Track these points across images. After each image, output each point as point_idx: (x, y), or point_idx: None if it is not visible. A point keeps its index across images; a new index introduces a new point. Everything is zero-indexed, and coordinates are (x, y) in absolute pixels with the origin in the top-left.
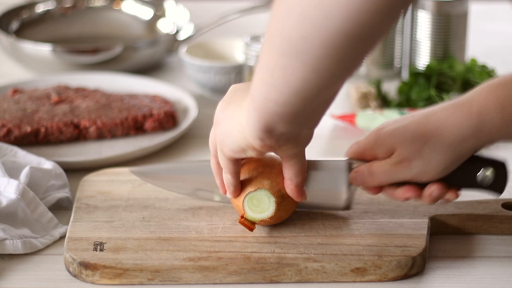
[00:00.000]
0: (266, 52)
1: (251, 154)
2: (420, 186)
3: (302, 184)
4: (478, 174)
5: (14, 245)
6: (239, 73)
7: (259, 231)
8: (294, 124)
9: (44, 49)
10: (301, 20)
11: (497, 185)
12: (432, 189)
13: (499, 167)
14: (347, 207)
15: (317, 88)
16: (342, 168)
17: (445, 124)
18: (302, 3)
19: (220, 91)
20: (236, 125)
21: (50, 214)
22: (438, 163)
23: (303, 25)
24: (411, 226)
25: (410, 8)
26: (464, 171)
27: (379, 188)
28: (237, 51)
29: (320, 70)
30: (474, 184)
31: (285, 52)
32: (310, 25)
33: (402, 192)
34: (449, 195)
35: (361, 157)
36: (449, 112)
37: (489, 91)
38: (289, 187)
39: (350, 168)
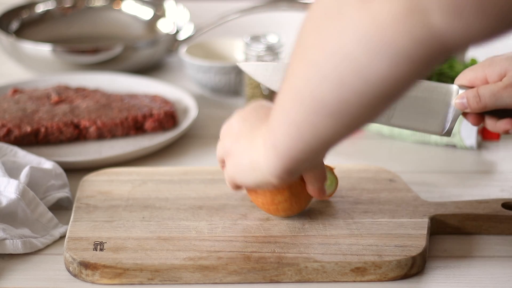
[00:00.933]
0: (291, 107)
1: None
2: None
3: (323, 187)
4: None
5: (14, 245)
6: (239, 73)
7: (259, 231)
8: (315, 162)
9: (44, 49)
10: (339, 85)
11: None
12: None
13: None
14: (448, 132)
15: (344, 137)
16: (449, 92)
17: None
18: (339, 69)
19: (220, 91)
20: (249, 162)
21: (50, 214)
22: None
23: (341, 91)
24: (411, 226)
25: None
26: None
27: (480, 117)
28: (237, 51)
29: (352, 126)
30: None
31: (318, 112)
32: (349, 90)
33: (504, 124)
34: None
35: (472, 83)
36: None
37: None
38: (310, 190)
39: (458, 93)
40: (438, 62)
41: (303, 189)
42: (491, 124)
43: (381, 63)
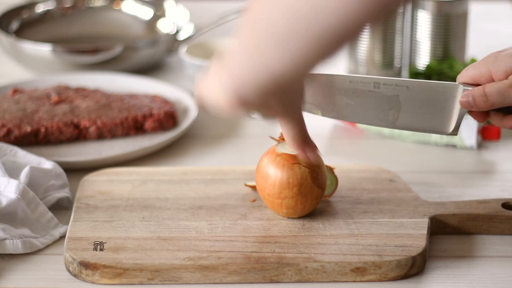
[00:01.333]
0: (247, 32)
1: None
2: None
3: (299, 138)
4: None
5: (14, 245)
6: None
7: (259, 231)
8: (264, 99)
9: (44, 49)
10: (289, 14)
11: None
12: None
13: None
14: (454, 132)
15: (292, 75)
16: (453, 91)
17: None
18: None
19: None
20: (212, 74)
21: (50, 214)
22: None
23: (290, 20)
24: (411, 226)
25: (409, 8)
26: None
27: (486, 114)
28: None
29: (300, 63)
30: None
31: (267, 37)
32: (298, 22)
33: (511, 119)
34: None
35: (475, 81)
36: None
37: None
38: (286, 139)
39: (463, 92)
40: (393, 4)
41: (312, 192)
42: (497, 120)
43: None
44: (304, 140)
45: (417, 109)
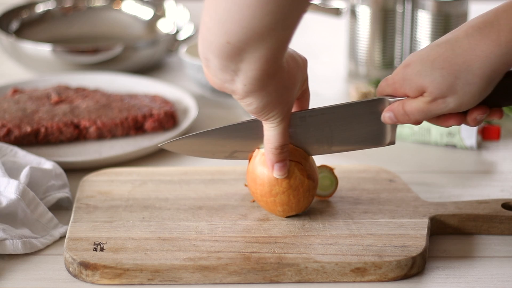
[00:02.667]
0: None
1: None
2: (462, 112)
3: (277, 151)
4: None
5: (14, 245)
6: None
7: (259, 231)
8: (225, 64)
9: (44, 49)
10: None
11: None
12: (474, 115)
13: None
14: (391, 142)
15: (243, 39)
16: (380, 105)
17: (473, 55)
18: None
19: (220, 91)
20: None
21: (50, 214)
22: (473, 93)
23: None
24: (411, 226)
25: (409, 8)
26: (503, 89)
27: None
28: None
29: (248, 28)
30: None
31: (226, 11)
32: None
33: (445, 120)
34: (493, 116)
35: (391, 94)
36: (474, 39)
37: None
38: (266, 151)
39: (388, 104)
40: None
41: (303, 184)
42: (432, 120)
43: None
44: (275, 153)
45: (349, 130)
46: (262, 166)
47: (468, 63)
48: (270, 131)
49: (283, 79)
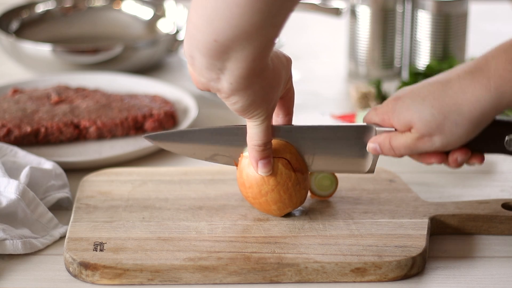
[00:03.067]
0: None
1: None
2: (444, 151)
3: (260, 148)
4: (506, 139)
5: (14, 245)
6: None
7: (259, 231)
8: (209, 58)
9: (44, 49)
10: None
11: None
12: (456, 155)
13: None
14: (371, 171)
15: (229, 37)
16: (366, 132)
17: (463, 98)
18: None
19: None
20: None
21: (50, 214)
22: (460, 135)
23: None
24: (411, 226)
25: (409, 8)
26: (488, 135)
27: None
28: None
29: (235, 26)
30: (501, 149)
31: (212, 11)
32: None
33: (427, 158)
34: (474, 160)
35: (379, 124)
36: (465, 82)
37: (506, 58)
38: (249, 148)
39: (374, 133)
40: None
41: (291, 178)
42: (414, 157)
43: None
44: (258, 150)
45: (331, 152)
46: (248, 169)
47: (458, 104)
48: (254, 129)
49: (268, 77)
